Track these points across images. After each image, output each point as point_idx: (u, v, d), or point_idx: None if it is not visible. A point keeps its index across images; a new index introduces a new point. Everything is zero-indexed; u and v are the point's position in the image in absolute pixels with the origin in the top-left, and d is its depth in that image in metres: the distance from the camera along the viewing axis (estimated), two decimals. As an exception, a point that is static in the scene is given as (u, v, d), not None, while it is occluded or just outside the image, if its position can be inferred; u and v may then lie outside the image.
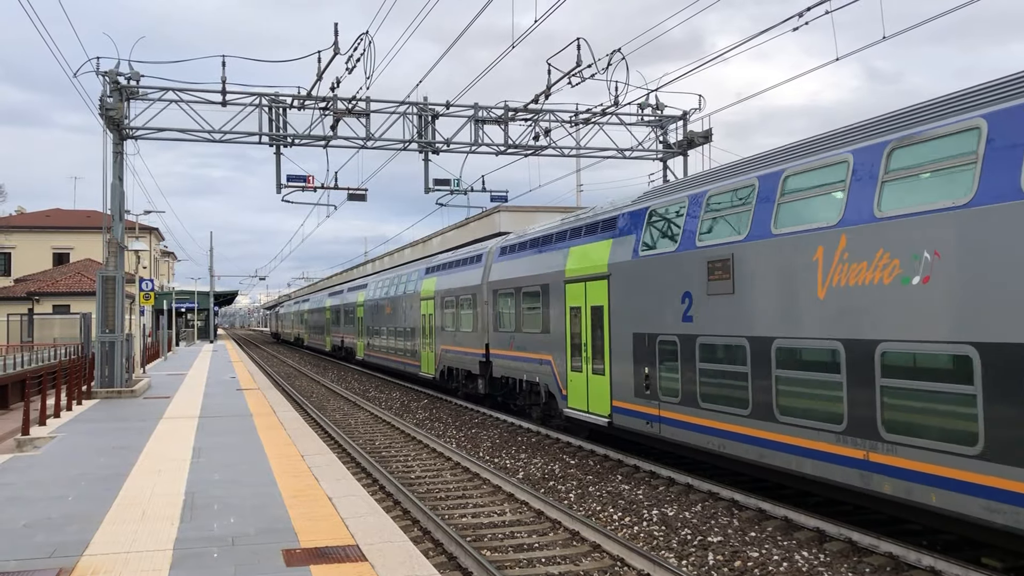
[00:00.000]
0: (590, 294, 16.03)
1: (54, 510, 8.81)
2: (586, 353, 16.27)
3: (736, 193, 11.91)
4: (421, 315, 28.91)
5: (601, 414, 15.62)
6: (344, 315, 48.81)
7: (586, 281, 16.17)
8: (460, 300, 24.77)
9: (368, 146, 23.01)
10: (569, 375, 17.07)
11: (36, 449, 13.38)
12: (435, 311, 27.29)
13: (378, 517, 8.48)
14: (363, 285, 44.10)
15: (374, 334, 38.36)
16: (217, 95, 21.57)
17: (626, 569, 9.14)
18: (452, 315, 25.61)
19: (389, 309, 34.84)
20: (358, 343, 43.06)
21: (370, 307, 39.59)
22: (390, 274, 38.48)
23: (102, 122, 21.44)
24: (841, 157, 9.94)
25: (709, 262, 12.14)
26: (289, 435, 14.39)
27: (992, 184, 7.91)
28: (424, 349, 28.79)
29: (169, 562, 6.93)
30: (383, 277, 39.38)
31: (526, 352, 19.49)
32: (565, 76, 19.22)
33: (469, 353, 23.93)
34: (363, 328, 41.38)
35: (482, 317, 22.59)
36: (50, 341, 47.55)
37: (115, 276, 21.49)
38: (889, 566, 8.99)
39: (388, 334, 35.15)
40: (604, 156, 24.88)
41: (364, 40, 18.65)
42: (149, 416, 17.31)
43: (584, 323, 16.32)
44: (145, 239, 51.41)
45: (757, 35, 15.71)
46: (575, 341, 16.73)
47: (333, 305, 53.73)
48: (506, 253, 21.63)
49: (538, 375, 18.78)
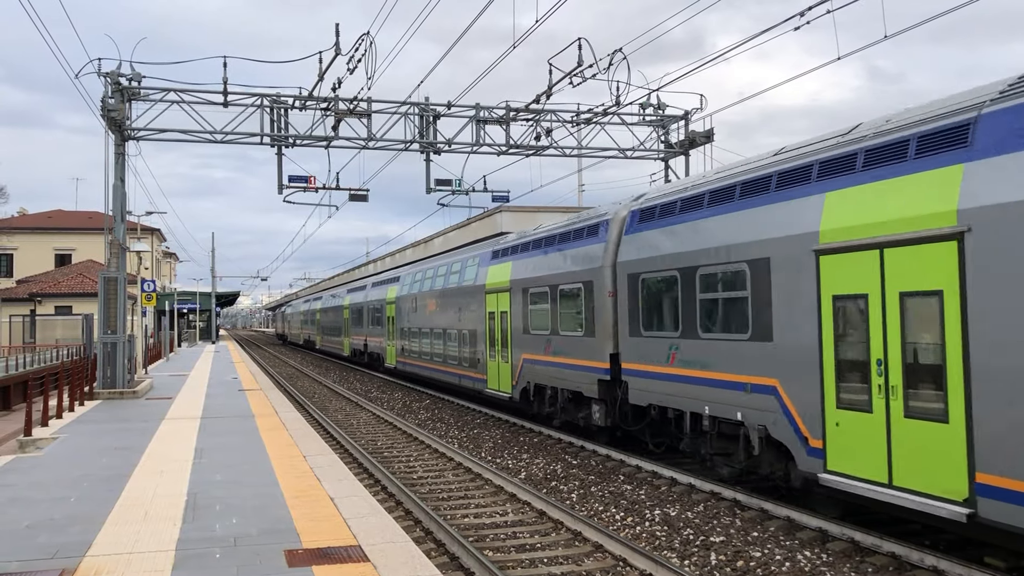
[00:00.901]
0: (903, 271, 8.94)
1: (57, 511, 8.82)
2: (884, 378, 9.18)
3: None
4: (486, 313, 22.57)
5: (951, 498, 8.32)
6: (369, 314, 41.37)
7: (902, 246, 8.95)
8: (559, 292, 17.91)
9: (369, 146, 23.02)
10: (833, 414, 9.95)
11: (38, 450, 13.39)
12: (511, 307, 20.62)
13: (380, 518, 8.48)
14: (394, 278, 36.92)
15: (411, 337, 31.52)
16: (218, 96, 21.59)
17: (628, 569, 9.13)
18: (544, 312, 18.74)
19: (433, 306, 28.15)
20: (388, 348, 36.14)
21: (405, 304, 32.77)
22: (432, 263, 30.96)
23: (104, 123, 21.46)
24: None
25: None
26: (291, 436, 14.39)
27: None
28: (492, 358, 22.13)
29: (171, 563, 6.93)
30: (423, 267, 31.88)
31: (713, 371, 12.47)
32: (566, 76, 19.22)
33: (577, 367, 16.99)
34: (394, 330, 34.68)
35: (603, 314, 15.93)
36: (52, 342, 47.64)
37: (117, 277, 21.50)
38: (892, 566, 8.98)
39: (433, 337, 28.07)
40: (606, 156, 24.88)
41: (365, 40, 18.65)
42: (151, 417, 17.32)
43: (889, 324, 9.14)
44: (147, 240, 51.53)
45: (758, 35, 15.71)
46: (849, 355, 9.72)
47: (354, 303, 46.20)
48: (655, 218, 14.52)
49: (743, 410, 11.72)
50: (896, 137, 9.39)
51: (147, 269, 56.00)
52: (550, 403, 18.56)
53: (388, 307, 36.30)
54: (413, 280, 32.30)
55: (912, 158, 9.05)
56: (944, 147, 8.67)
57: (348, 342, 48.36)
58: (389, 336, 36.19)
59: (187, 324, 73.28)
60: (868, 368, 9.34)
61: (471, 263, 24.48)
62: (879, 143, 9.63)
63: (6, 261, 64.68)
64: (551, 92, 20.54)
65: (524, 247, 20.53)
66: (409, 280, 33.06)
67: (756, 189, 11.69)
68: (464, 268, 25.10)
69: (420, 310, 30.20)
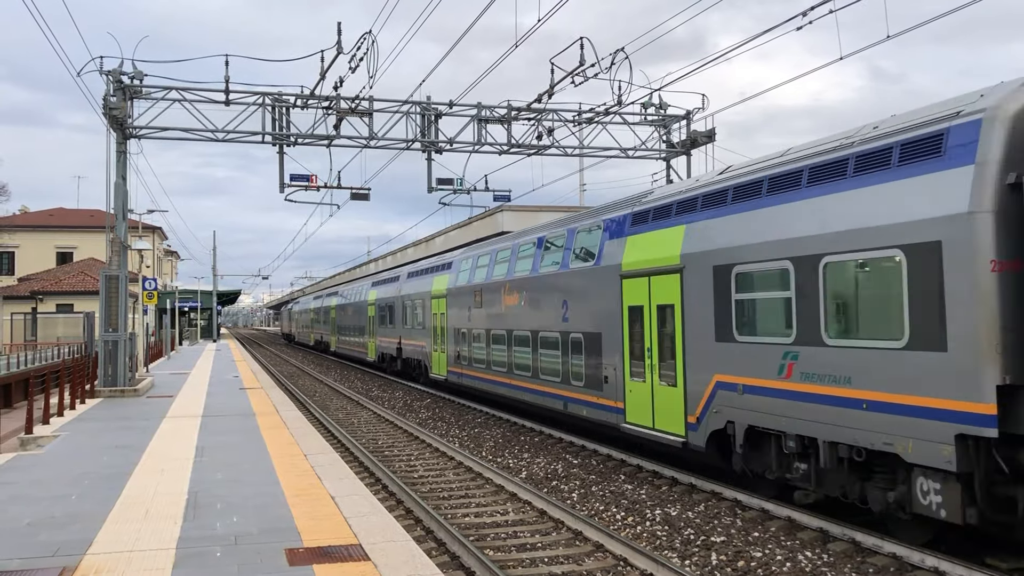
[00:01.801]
0: None
1: (57, 509, 8.82)
2: None
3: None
4: (623, 308, 15.04)
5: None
6: (404, 312, 33.47)
7: None
8: (839, 267, 10.09)
9: (371, 145, 23.02)
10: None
11: (39, 448, 13.40)
12: (687, 297, 13.02)
13: (381, 516, 8.48)
14: (442, 265, 28.91)
15: (471, 341, 24.02)
16: (220, 94, 21.59)
17: (629, 569, 9.13)
18: (778, 306, 11.08)
19: (514, 298, 20.44)
20: (434, 354, 28.58)
21: (462, 298, 25.12)
22: (508, 241, 22.46)
23: (105, 121, 21.46)
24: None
25: None
26: (292, 434, 14.40)
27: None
28: (639, 377, 14.54)
29: (172, 561, 6.93)
30: (491, 248, 23.56)
31: None
32: (568, 75, 19.21)
33: (888, 406, 9.29)
34: (444, 331, 27.03)
35: (969, 308, 8.41)
36: (53, 340, 47.68)
37: (118, 275, 21.51)
38: (893, 566, 8.98)
39: (513, 342, 20.62)
40: (607, 156, 24.86)
41: (367, 40, 18.66)
42: (152, 415, 17.33)
43: None
44: (148, 238, 51.58)
45: (760, 35, 15.69)
46: None
47: (383, 298, 38.07)
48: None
49: None
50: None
51: (148, 267, 56.06)
52: (782, 461, 11.11)
53: (435, 302, 28.31)
54: (475, 266, 24.42)
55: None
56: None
57: (374, 345, 40.06)
58: (436, 339, 28.29)
59: (188, 322, 73.32)
60: None
61: (588, 234, 16.92)
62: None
63: (8, 259, 64.76)
64: (553, 91, 20.53)
65: (714, 199, 12.57)
66: (469, 266, 25.15)
67: None
68: (574, 243, 17.49)
69: (489, 305, 22.55)
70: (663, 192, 14.93)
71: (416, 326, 31.39)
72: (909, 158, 9.29)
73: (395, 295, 35.41)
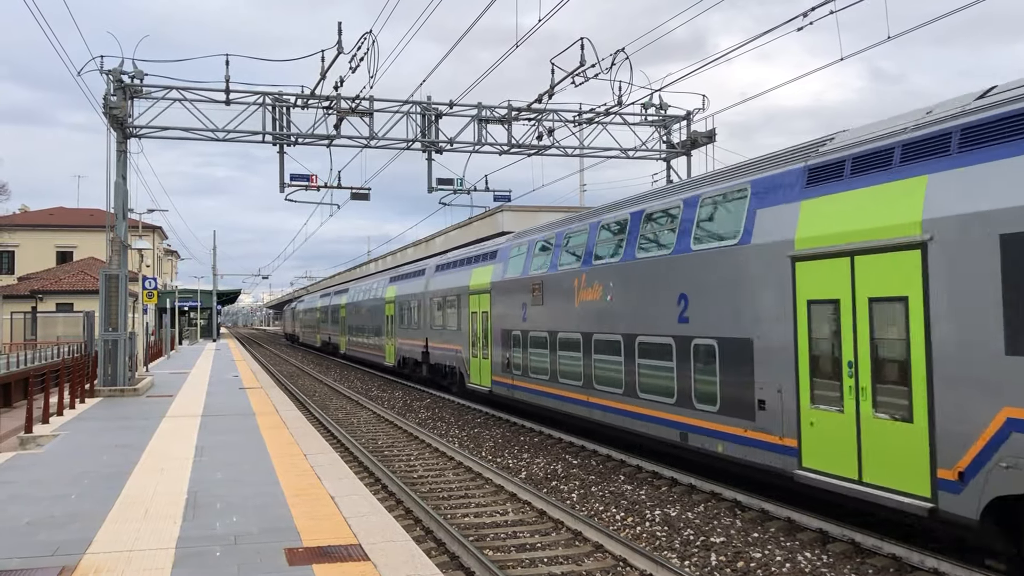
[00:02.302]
0: None
1: (57, 508, 8.82)
2: None
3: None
4: (804, 306, 10.61)
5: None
6: (432, 311, 29.00)
7: None
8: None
9: (371, 145, 23.02)
10: None
11: (39, 447, 13.40)
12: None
13: (380, 516, 8.48)
14: (485, 255, 24.20)
15: (530, 346, 19.55)
16: (221, 94, 21.59)
17: (629, 569, 9.13)
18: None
19: (596, 293, 16.16)
20: (473, 360, 24.20)
21: (514, 294, 20.68)
22: (588, 219, 17.48)
23: (106, 121, 21.46)
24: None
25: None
26: (292, 434, 14.39)
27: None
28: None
29: (171, 561, 6.93)
30: (562, 229, 18.61)
31: None
32: (569, 76, 19.21)
33: None
34: (488, 334, 22.66)
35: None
36: (53, 339, 47.67)
37: (118, 274, 21.51)
38: (892, 568, 8.98)
39: (599, 348, 16.06)
40: (608, 156, 24.86)
41: (368, 39, 18.66)
42: (152, 415, 17.33)
43: None
44: (148, 238, 51.58)
45: (761, 35, 15.69)
46: None
47: (404, 295, 33.66)
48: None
49: None
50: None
51: (148, 267, 56.07)
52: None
53: (475, 299, 23.98)
54: (532, 253, 20.01)
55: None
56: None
57: (393, 347, 35.43)
58: (475, 342, 23.92)
59: (188, 322, 73.31)
60: None
61: (723, 203, 12.54)
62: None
63: (8, 258, 64.76)
64: (553, 92, 20.53)
65: (995, 131, 8.58)
66: (522, 253, 20.77)
67: None
68: (697, 216, 13.07)
69: (554, 301, 18.20)
70: (864, 134, 10.46)
71: (448, 327, 26.74)
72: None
73: (420, 291, 30.85)
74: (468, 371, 24.59)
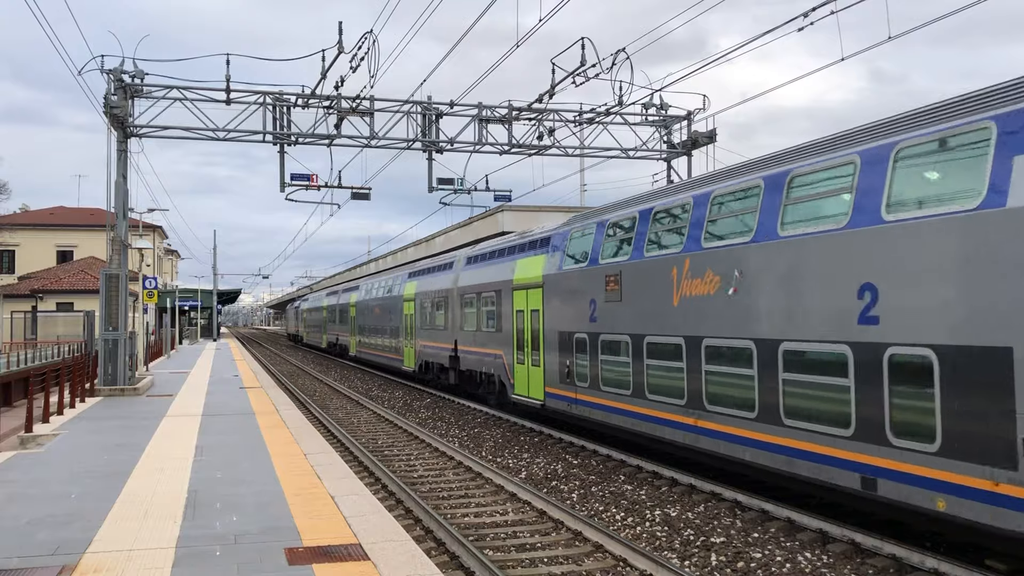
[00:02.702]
0: None
1: (57, 507, 8.82)
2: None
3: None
4: None
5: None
6: (463, 309, 25.15)
7: None
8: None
9: (372, 145, 23.02)
10: None
11: (39, 446, 13.40)
12: None
13: (380, 516, 8.48)
14: (535, 242, 20.11)
15: (602, 352, 15.92)
16: (221, 93, 21.60)
17: (629, 569, 9.12)
18: None
19: (710, 285, 12.60)
20: (519, 367, 20.21)
21: (571, 287, 17.32)
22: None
23: (106, 120, 21.47)
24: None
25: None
26: (292, 433, 14.39)
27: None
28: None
29: (171, 560, 6.93)
30: (645, 207, 15.05)
31: None
32: (569, 76, 19.21)
33: None
34: (539, 336, 18.82)
35: None
36: (54, 339, 47.63)
37: (119, 274, 21.52)
38: (892, 568, 8.97)
39: (700, 360, 12.79)
40: (608, 156, 24.86)
41: (368, 39, 18.66)
42: (152, 414, 17.33)
43: None
44: (149, 237, 51.58)
45: (761, 35, 15.69)
46: None
47: (427, 291, 29.75)
48: None
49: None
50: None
51: (149, 266, 56.07)
52: None
53: (520, 295, 19.99)
54: (604, 237, 16.22)
55: None
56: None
57: (412, 351, 31.87)
58: (521, 346, 19.99)
59: (188, 321, 73.32)
60: None
61: (941, 154, 9.21)
62: None
63: (8, 257, 64.77)
64: (554, 92, 20.53)
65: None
66: (589, 236, 16.92)
67: None
68: (892, 178, 9.63)
69: (641, 295, 14.64)
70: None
71: (484, 328, 23.07)
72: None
73: (447, 287, 27.17)
74: (512, 380, 20.58)
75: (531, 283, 19.32)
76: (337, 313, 54.00)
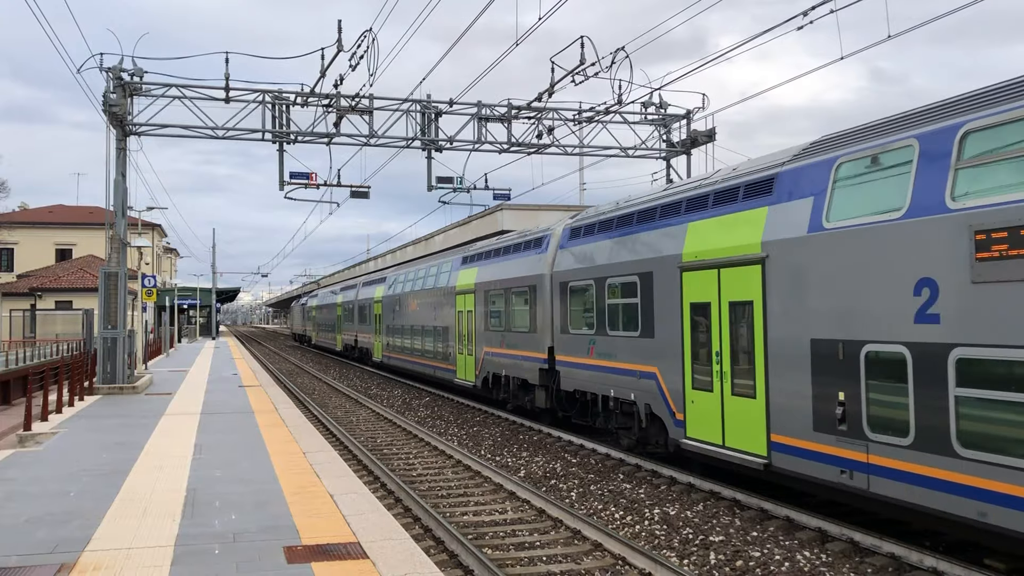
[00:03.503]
0: None
1: (56, 506, 8.81)
2: None
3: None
4: None
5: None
6: (568, 304, 17.61)
7: None
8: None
9: (371, 143, 23.01)
10: None
11: (38, 445, 13.39)
12: None
13: (379, 515, 8.48)
14: (743, 187, 11.93)
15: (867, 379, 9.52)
16: (220, 92, 21.57)
17: (627, 568, 9.13)
18: None
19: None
20: (694, 395, 12.81)
21: (858, 256, 9.52)
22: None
23: (105, 118, 21.45)
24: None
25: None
26: (291, 432, 14.39)
27: None
28: None
29: (170, 558, 6.92)
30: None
31: None
32: (569, 74, 19.20)
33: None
34: (758, 347, 11.22)
35: None
36: (52, 337, 47.62)
37: (117, 272, 21.50)
38: (891, 567, 8.98)
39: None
40: (607, 155, 24.86)
41: (367, 37, 18.64)
42: (151, 412, 17.32)
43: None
44: (148, 236, 51.53)
45: (760, 34, 15.69)
46: None
47: (494, 283, 22.66)
48: None
49: None
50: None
51: (148, 264, 56.06)
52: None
53: (728, 274, 11.93)
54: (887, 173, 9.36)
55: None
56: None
57: (471, 359, 24.37)
58: (692, 359, 12.91)
59: (187, 320, 73.31)
60: None
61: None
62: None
63: (7, 256, 64.70)
64: (553, 90, 20.52)
65: None
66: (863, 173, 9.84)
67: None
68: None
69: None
70: None
71: (614, 329, 15.43)
72: None
73: (535, 273, 19.67)
74: (680, 413, 13.20)
75: (733, 258, 11.81)
76: (356, 311, 45.68)
